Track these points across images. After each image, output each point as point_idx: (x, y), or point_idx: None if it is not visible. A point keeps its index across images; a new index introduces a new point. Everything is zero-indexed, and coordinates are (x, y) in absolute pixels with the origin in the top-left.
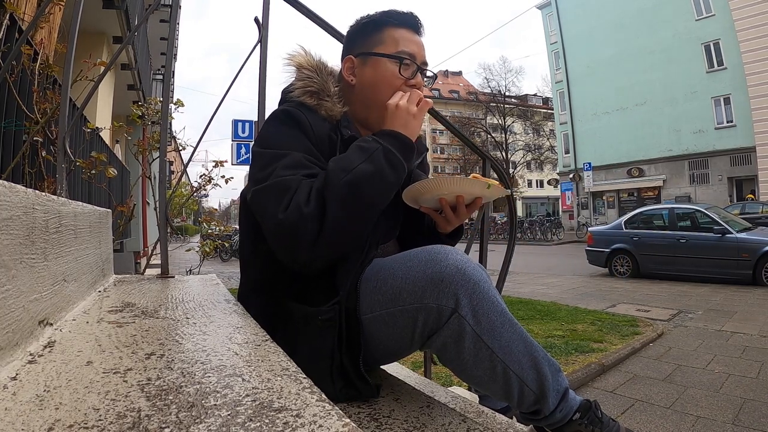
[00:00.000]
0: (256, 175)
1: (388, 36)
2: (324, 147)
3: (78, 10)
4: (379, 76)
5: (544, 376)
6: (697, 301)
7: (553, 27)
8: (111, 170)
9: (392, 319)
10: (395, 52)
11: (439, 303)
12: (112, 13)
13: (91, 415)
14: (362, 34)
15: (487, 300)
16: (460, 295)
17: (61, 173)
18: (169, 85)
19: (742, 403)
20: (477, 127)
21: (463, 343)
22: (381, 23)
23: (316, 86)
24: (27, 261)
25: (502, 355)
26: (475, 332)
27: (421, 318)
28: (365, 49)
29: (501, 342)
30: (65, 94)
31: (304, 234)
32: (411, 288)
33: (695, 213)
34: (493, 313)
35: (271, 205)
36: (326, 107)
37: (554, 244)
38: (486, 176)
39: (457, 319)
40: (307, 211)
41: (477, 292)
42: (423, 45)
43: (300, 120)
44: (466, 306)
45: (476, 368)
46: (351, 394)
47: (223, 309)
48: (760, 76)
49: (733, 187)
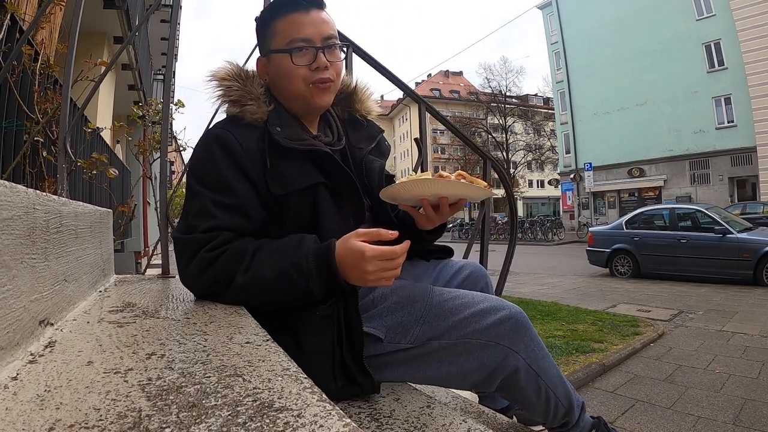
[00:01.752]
0: (185, 207)
1: (279, 28)
2: (254, 158)
3: (78, 10)
4: (280, 71)
5: (569, 391)
6: (698, 302)
7: (554, 27)
8: (111, 171)
9: (447, 351)
10: (286, 44)
11: (500, 342)
12: (113, 13)
13: (92, 414)
14: (260, 34)
15: (534, 337)
16: (517, 337)
17: (61, 173)
18: (169, 85)
19: (743, 404)
20: (478, 127)
21: (519, 375)
22: (269, 18)
23: (236, 94)
24: (28, 261)
25: (546, 379)
26: (529, 365)
27: (483, 355)
28: (265, 48)
29: (543, 367)
30: (66, 94)
31: (197, 294)
32: (475, 324)
33: (696, 213)
34: (536, 347)
35: (178, 258)
36: (250, 111)
37: (555, 245)
38: (486, 176)
39: (515, 358)
40: (198, 285)
41: (529, 333)
42: (321, 20)
43: (225, 142)
44: (521, 346)
45: (528, 391)
46: (353, 391)
47: (224, 309)
48: (761, 75)
49: (734, 187)
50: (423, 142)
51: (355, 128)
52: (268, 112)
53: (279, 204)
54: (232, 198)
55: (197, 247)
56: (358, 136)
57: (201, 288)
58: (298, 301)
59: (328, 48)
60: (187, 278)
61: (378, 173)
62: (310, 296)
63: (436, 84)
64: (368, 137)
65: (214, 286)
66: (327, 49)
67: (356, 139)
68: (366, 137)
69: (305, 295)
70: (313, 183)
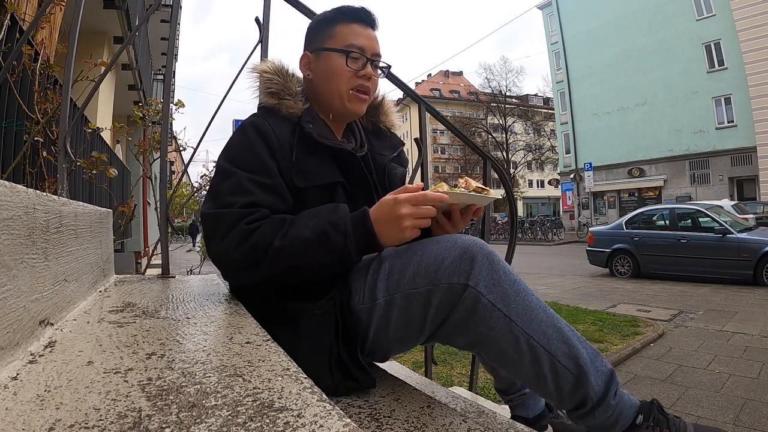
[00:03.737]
0: (212, 189)
1: (339, 31)
2: (285, 148)
3: (79, 10)
4: (329, 69)
5: (576, 350)
6: (698, 301)
7: (554, 27)
8: (112, 170)
9: (405, 302)
10: (344, 46)
11: (451, 281)
12: (113, 13)
13: (92, 414)
14: (316, 31)
15: (499, 269)
16: (472, 269)
17: (61, 173)
18: (169, 85)
19: (743, 404)
20: (478, 127)
21: (477, 314)
22: (333, 20)
23: (276, 87)
24: (28, 261)
25: (522, 324)
26: (489, 301)
27: (435, 299)
28: (318, 45)
29: (518, 310)
30: (66, 94)
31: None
32: (424, 271)
33: (696, 213)
34: (505, 282)
35: (210, 233)
36: (287, 105)
37: (555, 245)
38: (486, 176)
39: (469, 292)
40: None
41: (488, 262)
42: (374, 38)
43: (262, 129)
44: (477, 277)
45: (498, 342)
46: (350, 386)
47: (224, 309)
48: (761, 75)
49: (734, 187)
50: (423, 142)
51: (379, 137)
52: (303, 109)
53: (299, 197)
54: (267, 178)
55: (237, 220)
56: (381, 144)
57: (237, 261)
58: (335, 264)
59: (374, 64)
60: (221, 252)
61: (400, 179)
62: (347, 256)
63: (436, 84)
64: (390, 147)
65: (253, 253)
66: (372, 64)
67: (379, 147)
68: (388, 146)
69: (342, 255)
70: (333, 181)
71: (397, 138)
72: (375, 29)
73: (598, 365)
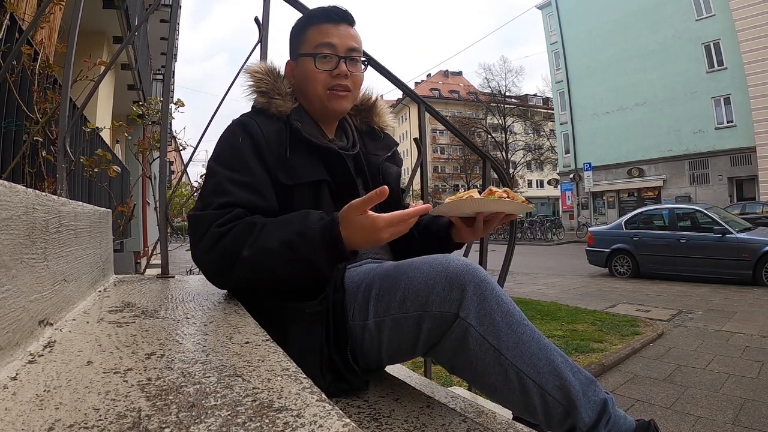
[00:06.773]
0: (201, 191)
1: (309, 35)
2: (272, 146)
3: (78, 10)
4: (304, 74)
5: (568, 382)
6: (697, 301)
7: (553, 27)
8: (114, 168)
9: (396, 324)
10: (313, 49)
11: (442, 309)
12: (112, 13)
13: (92, 415)
14: (293, 38)
15: (491, 300)
16: (463, 299)
17: (61, 173)
18: (169, 85)
19: (743, 404)
20: (477, 127)
21: (467, 346)
22: (305, 25)
23: (265, 86)
24: (27, 261)
25: (512, 358)
26: (479, 333)
27: (426, 325)
28: (295, 52)
29: (508, 343)
30: (65, 94)
31: (208, 272)
32: (414, 296)
33: (695, 213)
34: (497, 314)
35: (192, 235)
36: (276, 104)
37: (554, 244)
38: (486, 176)
39: (459, 323)
40: (207, 261)
41: (479, 292)
42: (348, 34)
43: (248, 128)
44: (468, 308)
45: (487, 374)
46: (342, 387)
47: (224, 309)
48: (761, 76)
49: (734, 187)
50: (422, 142)
51: (373, 138)
52: (292, 108)
53: (286, 195)
54: (248, 177)
55: (209, 222)
56: (376, 145)
57: (211, 264)
58: (301, 275)
59: (351, 59)
60: (198, 255)
61: (395, 178)
62: (313, 268)
63: (436, 84)
64: (385, 147)
65: (222, 259)
66: (349, 60)
67: (374, 147)
68: (383, 147)
69: (309, 267)
70: (319, 180)
71: (390, 138)
72: (351, 24)
73: (590, 395)
